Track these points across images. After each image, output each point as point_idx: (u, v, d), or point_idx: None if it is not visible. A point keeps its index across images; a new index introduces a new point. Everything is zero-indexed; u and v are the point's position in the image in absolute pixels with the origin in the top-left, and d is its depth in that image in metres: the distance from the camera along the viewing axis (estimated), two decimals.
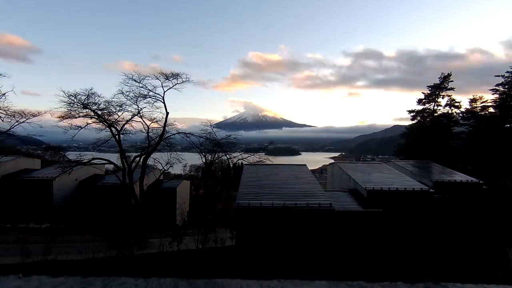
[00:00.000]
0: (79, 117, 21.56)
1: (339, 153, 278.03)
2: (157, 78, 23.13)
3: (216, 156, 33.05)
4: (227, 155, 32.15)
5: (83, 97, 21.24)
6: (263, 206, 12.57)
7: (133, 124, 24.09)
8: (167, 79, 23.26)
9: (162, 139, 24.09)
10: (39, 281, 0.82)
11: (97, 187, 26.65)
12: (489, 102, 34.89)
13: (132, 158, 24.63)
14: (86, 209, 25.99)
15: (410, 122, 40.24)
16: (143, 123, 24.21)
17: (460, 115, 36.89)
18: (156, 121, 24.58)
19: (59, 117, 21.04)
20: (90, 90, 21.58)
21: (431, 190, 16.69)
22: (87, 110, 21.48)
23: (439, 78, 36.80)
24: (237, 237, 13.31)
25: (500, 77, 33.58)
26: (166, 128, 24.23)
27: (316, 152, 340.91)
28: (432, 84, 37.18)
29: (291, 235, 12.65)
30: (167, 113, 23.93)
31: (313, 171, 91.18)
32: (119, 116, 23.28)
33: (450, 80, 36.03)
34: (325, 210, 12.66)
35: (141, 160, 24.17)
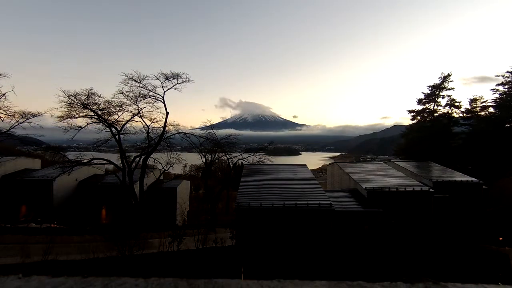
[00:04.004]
0: (79, 117, 21.55)
1: (339, 153, 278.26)
2: (157, 78, 23.13)
3: (216, 156, 33.03)
4: (227, 155, 32.15)
5: (83, 97, 21.25)
6: (263, 206, 12.57)
7: (133, 124, 24.10)
8: (167, 79, 23.26)
9: (162, 139, 24.09)
10: (39, 281, 0.82)
11: (97, 187, 26.66)
12: (489, 102, 34.92)
13: (132, 158, 24.62)
14: (86, 209, 26.00)
15: (410, 122, 40.30)
16: (143, 123, 24.21)
17: (460, 115, 36.90)
18: (156, 121, 24.60)
19: (59, 117, 21.02)
20: (90, 90, 21.60)
21: (431, 190, 16.68)
22: (87, 110, 21.47)
23: (439, 78, 36.86)
24: (237, 237, 13.29)
25: (500, 77, 33.60)
26: (166, 128, 24.24)
27: (316, 152, 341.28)
28: (432, 84, 37.22)
29: (291, 235, 12.65)
30: (167, 113, 23.95)
31: (313, 171, 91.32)
32: (119, 116, 23.29)
33: (450, 80, 36.06)
34: (325, 210, 12.65)
35: (141, 160, 24.16)
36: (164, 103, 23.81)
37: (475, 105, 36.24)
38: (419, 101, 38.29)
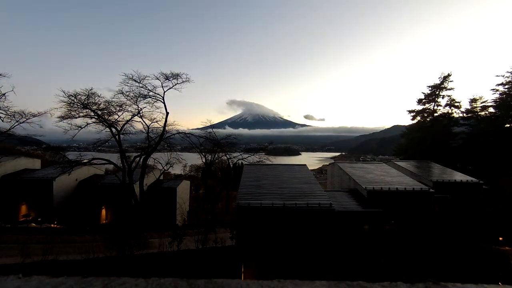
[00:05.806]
0: (79, 117, 21.56)
1: (339, 153, 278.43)
2: (157, 78, 23.14)
3: (216, 156, 33.05)
4: (227, 155, 32.16)
5: (83, 97, 21.26)
6: (263, 206, 12.57)
7: (133, 124, 24.10)
8: (167, 79, 23.26)
9: (162, 139, 24.09)
10: (39, 281, 0.82)
11: (97, 187, 26.66)
12: (489, 102, 34.92)
13: (132, 158, 24.62)
14: (86, 209, 26.00)
15: (410, 122, 40.33)
16: (143, 123, 24.23)
17: (460, 115, 36.92)
18: (156, 121, 24.60)
19: (59, 117, 21.03)
20: (90, 90, 21.60)
21: (431, 190, 16.69)
22: (87, 110, 21.48)
23: (439, 78, 36.89)
24: (237, 237, 13.30)
25: (500, 77, 33.61)
26: (166, 128, 24.24)
27: (316, 152, 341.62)
28: (432, 84, 37.25)
29: (291, 235, 12.65)
30: (167, 113, 23.95)
31: (313, 171, 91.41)
32: (119, 116, 23.30)
33: (450, 80, 36.09)
34: (325, 210, 12.65)
35: (141, 160, 24.16)
36: (164, 103, 23.85)
37: (475, 105, 36.24)
38: (419, 101, 38.32)
